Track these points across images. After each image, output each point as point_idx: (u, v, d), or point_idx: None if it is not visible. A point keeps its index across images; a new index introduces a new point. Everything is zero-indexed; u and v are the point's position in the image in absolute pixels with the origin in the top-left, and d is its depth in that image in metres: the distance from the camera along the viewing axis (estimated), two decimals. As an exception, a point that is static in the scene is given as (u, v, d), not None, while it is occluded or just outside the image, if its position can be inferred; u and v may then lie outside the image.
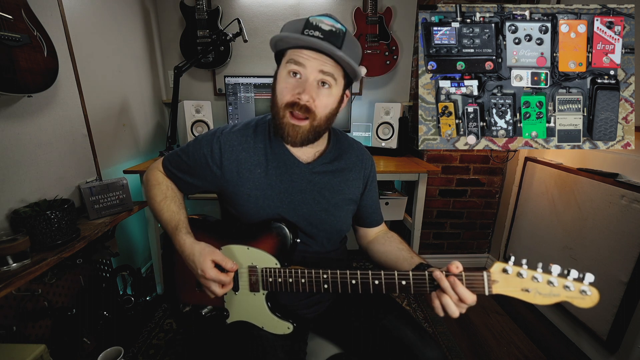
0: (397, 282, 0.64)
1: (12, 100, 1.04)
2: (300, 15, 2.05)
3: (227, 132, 0.79)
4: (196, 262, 0.69)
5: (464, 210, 2.13)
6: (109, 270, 1.51)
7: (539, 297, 0.57)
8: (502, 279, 0.58)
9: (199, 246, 0.71)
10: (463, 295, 0.58)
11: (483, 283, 0.59)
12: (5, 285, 0.83)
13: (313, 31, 0.65)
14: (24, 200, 1.08)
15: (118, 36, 1.67)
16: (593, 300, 0.55)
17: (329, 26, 0.65)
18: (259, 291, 0.75)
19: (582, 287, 0.55)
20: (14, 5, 0.94)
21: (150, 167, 0.87)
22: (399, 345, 0.73)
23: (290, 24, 0.70)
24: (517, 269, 0.58)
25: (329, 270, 0.69)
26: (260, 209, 0.77)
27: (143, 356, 1.39)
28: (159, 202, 0.80)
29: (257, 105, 1.96)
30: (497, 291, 0.59)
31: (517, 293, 0.58)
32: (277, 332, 0.76)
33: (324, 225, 0.81)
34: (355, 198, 0.86)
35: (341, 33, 0.66)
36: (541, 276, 0.56)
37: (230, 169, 0.77)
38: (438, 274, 0.60)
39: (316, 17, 0.67)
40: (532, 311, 1.75)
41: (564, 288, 0.56)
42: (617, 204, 1.28)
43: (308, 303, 0.84)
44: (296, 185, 0.78)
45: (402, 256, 0.79)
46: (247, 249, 0.75)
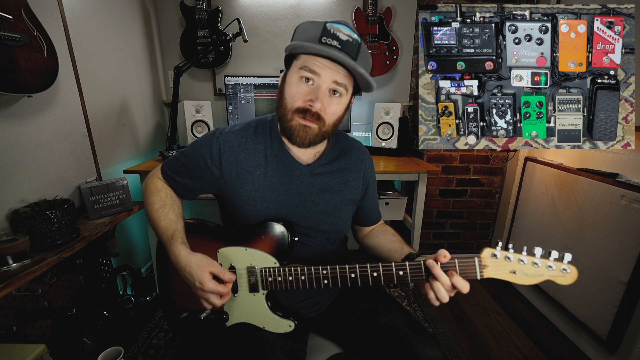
0: (395, 273, 0.67)
1: (12, 100, 1.04)
2: (300, 16, 2.06)
3: (227, 133, 0.78)
4: (193, 274, 0.68)
5: (464, 210, 2.13)
6: (109, 270, 1.51)
7: (525, 278, 0.62)
8: (491, 264, 0.63)
9: (195, 258, 0.70)
10: (456, 283, 0.62)
11: (475, 268, 0.63)
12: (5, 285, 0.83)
13: (331, 40, 0.65)
14: (24, 200, 1.08)
15: (118, 36, 1.67)
16: (573, 277, 0.60)
17: (346, 36, 0.66)
18: (259, 291, 0.75)
19: (562, 266, 0.60)
20: (14, 5, 0.94)
21: (149, 175, 0.86)
22: (399, 344, 0.73)
23: (306, 27, 0.69)
24: (504, 253, 0.62)
25: (328, 266, 0.70)
26: (259, 210, 0.77)
27: (143, 356, 1.39)
28: (157, 209, 0.78)
29: (257, 105, 1.96)
30: (488, 275, 0.63)
31: (506, 275, 0.63)
32: (279, 331, 0.76)
33: (324, 226, 0.81)
34: (354, 199, 0.86)
35: (357, 44, 0.66)
36: (526, 258, 0.62)
37: (230, 170, 0.76)
38: (431, 262, 0.63)
39: (333, 24, 0.66)
40: (532, 311, 1.75)
41: (547, 268, 0.61)
42: (617, 204, 1.28)
43: (308, 304, 0.84)
44: (295, 187, 0.78)
45: (394, 247, 0.83)
46: (245, 250, 0.75)
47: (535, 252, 0.61)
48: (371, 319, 0.80)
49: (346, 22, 0.68)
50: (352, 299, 0.87)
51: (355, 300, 0.86)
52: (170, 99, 2.03)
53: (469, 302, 1.81)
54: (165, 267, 0.84)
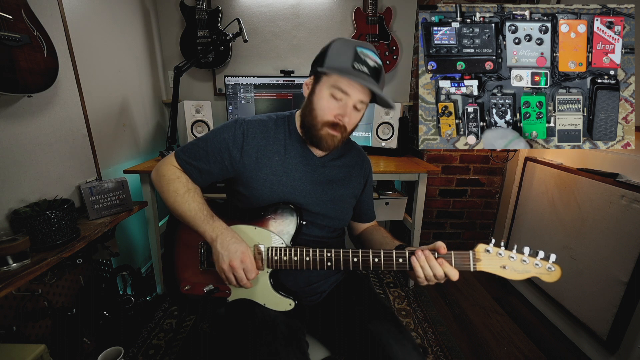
0: (395, 260, 0.72)
1: (12, 100, 1.04)
2: (300, 16, 2.06)
3: (250, 120, 0.86)
4: (231, 251, 0.73)
5: (464, 210, 2.13)
6: (109, 270, 1.51)
7: (514, 273, 0.68)
8: (484, 258, 0.69)
9: (241, 239, 0.76)
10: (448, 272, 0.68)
11: (469, 261, 0.69)
12: (5, 285, 0.83)
13: (362, 66, 0.74)
14: (24, 200, 1.08)
15: (118, 36, 1.67)
16: (557, 275, 0.66)
17: (373, 62, 0.75)
18: (263, 269, 0.80)
19: (547, 265, 0.66)
20: (14, 5, 0.94)
21: (162, 162, 0.86)
22: (380, 352, 0.74)
23: (339, 49, 0.76)
24: (496, 249, 0.68)
25: (332, 249, 0.75)
26: (274, 193, 0.82)
27: (143, 356, 1.39)
28: (183, 194, 0.81)
29: (257, 105, 1.96)
30: (481, 268, 0.69)
31: (497, 270, 0.68)
32: (279, 309, 0.81)
33: (329, 214, 0.87)
34: (356, 194, 0.95)
35: (380, 69, 0.77)
36: (516, 255, 0.68)
37: (250, 154, 0.82)
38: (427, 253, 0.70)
39: (363, 49, 0.75)
40: (532, 311, 1.75)
41: (534, 265, 0.67)
42: (617, 204, 1.28)
43: (308, 291, 0.87)
44: (309, 176, 0.85)
45: (385, 242, 0.90)
46: (255, 229, 0.80)
47: (524, 250, 0.67)
48: (358, 322, 0.82)
49: (371, 47, 0.78)
50: (346, 298, 0.89)
51: (348, 303, 0.88)
52: (170, 99, 2.04)
53: (469, 302, 1.81)
54: (172, 238, 0.88)
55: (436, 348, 1.48)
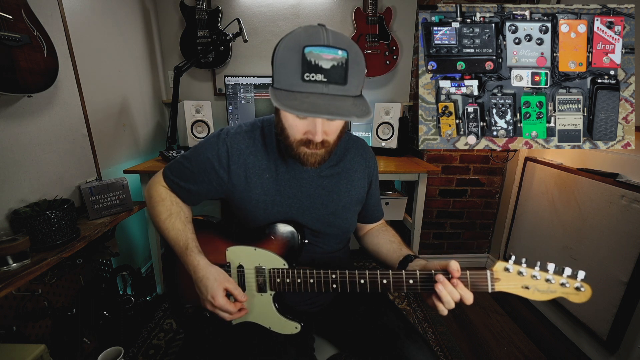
0: (405, 281, 0.66)
1: (12, 100, 1.04)
2: (300, 16, 2.06)
3: (234, 134, 0.76)
4: (208, 287, 0.68)
5: (464, 210, 2.13)
6: (109, 270, 1.51)
7: (537, 294, 0.60)
8: (503, 277, 0.61)
9: (214, 270, 0.70)
10: (464, 296, 0.61)
11: (486, 281, 0.62)
12: (5, 285, 0.83)
13: (315, 74, 0.57)
14: (24, 200, 1.08)
15: (118, 36, 1.67)
16: (587, 296, 0.60)
17: (329, 61, 0.57)
18: (267, 292, 0.75)
19: (576, 284, 0.60)
20: (14, 5, 0.94)
21: (152, 182, 0.83)
22: (391, 347, 0.74)
23: (284, 58, 0.59)
24: (517, 267, 0.61)
25: (337, 270, 0.69)
26: (270, 214, 0.76)
27: (143, 356, 1.39)
28: (164, 220, 0.77)
29: (258, 106, 1.96)
30: (500, 288, 0.62)
31: (518, 290, 0.61)
32: (285, 332, 0.76)
33: (332, 227, 0.81)
34: (361, 198, 0.86)
35: (344, 63, 0.58)
36: (539, 274, 0.60)
37: (238, 174, 0.75)
38: (441, 277, 0.62)
39: (312, 49, 0.57)
40: (532, 311, 1.75)
41: (560, 285, 0.59)
42: (617, 204, 1.28)
43: (312, 301, 0.84)
44: (305, 190, 0.78)
45: (392, 248, 0.82)
46: (254, 250, 0.75)
47: (548, 268, 0.60)
48: (367, 320, 0.81)
49: (325, 34, 0.58)
50: (352, 298, 0.87)
51: (355, 302, 0.86)
52: (170, 99, 2.03)
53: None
54: (172, 260, 0.84)
55: (436, 348, 1.48)
